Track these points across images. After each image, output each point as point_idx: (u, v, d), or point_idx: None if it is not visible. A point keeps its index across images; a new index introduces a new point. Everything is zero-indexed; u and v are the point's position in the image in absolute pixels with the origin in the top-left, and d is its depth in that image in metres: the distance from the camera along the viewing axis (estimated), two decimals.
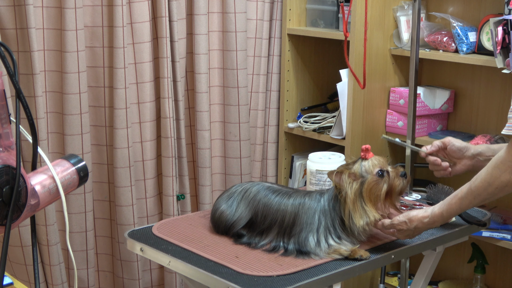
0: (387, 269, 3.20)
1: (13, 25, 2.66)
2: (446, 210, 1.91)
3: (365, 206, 1.92)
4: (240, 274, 1.83)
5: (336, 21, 3.20)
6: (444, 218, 1.93)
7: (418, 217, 1.94)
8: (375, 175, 1.94)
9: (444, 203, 1.93)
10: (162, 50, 2.92)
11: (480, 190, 1.82)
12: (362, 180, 1.93)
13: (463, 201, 1.87)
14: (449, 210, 1.91)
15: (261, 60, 3.27)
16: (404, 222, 1.95)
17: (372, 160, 1.95)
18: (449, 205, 1.90)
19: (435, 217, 1.93)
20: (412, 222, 1.94)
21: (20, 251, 2.77)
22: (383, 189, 1.94)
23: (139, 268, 3.00)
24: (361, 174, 1.94)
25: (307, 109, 3.39)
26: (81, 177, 1.45)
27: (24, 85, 2.69)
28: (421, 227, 1.95)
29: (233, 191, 2.08)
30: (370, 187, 1.93)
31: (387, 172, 1.95)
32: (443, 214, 1.92)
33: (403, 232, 1.96)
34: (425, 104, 2.94)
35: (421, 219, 1.94)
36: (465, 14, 2.95)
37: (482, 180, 1.81)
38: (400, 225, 1.95)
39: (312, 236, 1.94)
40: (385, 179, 1.94)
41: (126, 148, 2.89)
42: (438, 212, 1.92)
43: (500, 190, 1.79)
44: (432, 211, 1.93)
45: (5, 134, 1.29)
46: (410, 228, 1.95)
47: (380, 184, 1.93)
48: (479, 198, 1.84)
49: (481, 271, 2.92)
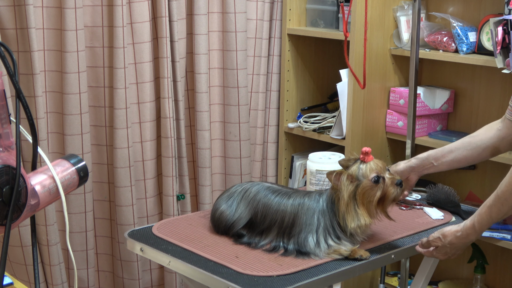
0: (387, 269, 3.20)
1: (13, 25, 2.67)
2: (477, 221, 1.86)
3: (357, 209, 1.92)
4: (240, 274, 1.83)
5: (336, 21, 3.20)
6: (476, 230, 1.87)
7: (452, 231, 1.91)
8: (370, 181, 1.93)
9: (474, 214, 1.88)
10: (162, 50, 2.92)
11: (506, 195, 1.79)
12: (357, 183, 1.92)
13: (492, 209, 1.83)
14: (480, 221, 1.86)
15: (261, 60, 3.27)
16: (438, 238, 1.92)
17: (370, 164, 1.94)
18: (479, 216, 1.86)
19: (467, 229, 1.88)
20: (446, 238, 1.91)
21: (20, 251, 2.77)
22: (376, 195, 1.92)
23: (139, 268, 3.00)
24: (357, 177, 1.93)
25: (307, 109, 3.39)
26: (81, 177, 1.45)
27: (24, 85, 2.69)
28: (455, 242, 1.90)
29: (233, 191, 2.08)
30: (364, 191, 1.92)
31: (383, 178, 1.94)
32: (474, 226, 1.87)
33: (439, 249, 1.93)
34: (425, 104, 2.94)
35: (454, 233, 1.90)
36: (465, 14, 2.95)
37: (507, 184, 1.78)
38: (435, 241, 1.93)
39: (311, 236, 1.94)
40: (379, 186, 1.93)
41: (126, 148, 2.89)
42: (469, 224, 1.88)
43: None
44: (464, 224, 1.89)
45: (5, 134, 1.29)
46: (445, 244, 1.91)
47: (373, 190, 1.92)
48: (507, 204, 1.80)
49: (481, 271, 2.92)
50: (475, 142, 2.17)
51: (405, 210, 2.34)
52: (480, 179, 3.00)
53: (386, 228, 2.10)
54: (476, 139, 2.17)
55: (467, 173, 3.03)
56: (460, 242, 1.91)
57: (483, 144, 2.16)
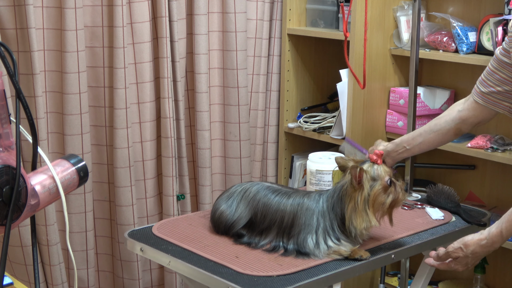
0: (387, 269, 3.20)
1: (13, 25, 2.66)
2: (505, 228, 1.76)
3: (368, 210, 1.90)
4: (240, 274, 1.83)
5: (336, 21, 3.20)
6: (503, 236, 1.77)
7: (474, 240, 1.81)
8: (385, 182, 1.92)
9: (501, 220, 1.78)
10: (162, 50, 2.92)
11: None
12: (371, 184, 1.91)
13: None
14: (508, 227, 1.76)
15: (261, 60, 3.27)
16: (459, 249, 1.82)
17: (384, 166, 1.94)
18: (508, 222, 1.76)
19: (494, 237, 1.78)
20: (468, 247, 1.81)
21: (20, 251, 2.77)
22: (388, 198, 1.91)
23: (139, 268, 3.00)
24: (373, 177, 1.92)
25: (307, 109, 3.39)
26: (81, 177, 1.45)
27: (24, 85, 2.69)
28: (479, 251, 1.80)
29: (232, 191, 2.08)
30: (378, 193, 1.90)
31: (394, 183, 1.94)
32: (502, 233, 1.77)
33: (460, 260, 1.83)
34: (425, 104, 2.94)
35: (477, 242, 1.80)
36: (465, 14, 2.95)
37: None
38: (456, 252, 1.83)
39: (310, 237, 1.93)
40: (391, 189, 1.92)
41: (126, 148, 2.89)
42: (496, 232, 1.78)
43: None
44: (489, 232, 1.79)
45: (5, 134, 1.29)
46: (467, 254, 1.81)
47: (386, 193, 1.92)
48: None
49: (481, 271, 2.91)
50: (440, 124, 2.16)
51: (407, 210, 2.33)
52: (480, 179, 3.00)
53: (386, 228, 2.10)
54: (441, 121, 2.16)
55: (467, 173, 3.03)
56: (484, 251, 1.81)
57: (447, 125, 2.15)
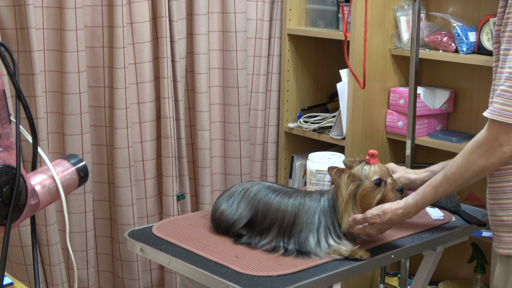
0: (387, 269, 3.20)
1: (13, 25, 2.67)
2: (420, 199, 1.88)
3: (355, 210, 1.92)
4: (240, 274, 1.83)
5: (336, 21, 3.20)
6: (418, 207, 1.89)
7: (392, 209, 1.90)
8: (372, 182, 1.93)
9: (418, 192, 1.89)
10: (162, 50, 2.92)
11: (456, 176, 1.80)
12: (358, 183, 1.92)
13: (438, 188, 1.85)
14: (423, 199, 1.88)
15: (261, 60, 3.27)
16: (377, 215, 1.90)
17: (374, 166, 1.94)
18: (424, 194, 1.87)
19: (409, 207, 1.89)
20: (386, 215, 1.90)
21: (20, 251, 2.77)
22: (375, 198, 1.92)
23: (139, 268, 3.00)
24: (359, 177, 1.93)
25: (307, 109, 3.39)
26: (81, 177, 1.45)
27: (24, 85, 2.69)
28: (394, 219, 1.90)
29: (233, 191, 2.08)
30: (364, 192, 1.92)
31: (384, 182, 1.94)
32: (417, 204, 1.89)
33: (375, 226, 1.92)
34: (425, 104, 2.94)
35: (394, 210, 1.90)
36: (465, 14, 2.95)
37: (458, 166, 1.79)
38: (374, 218, 1.90)
39: (312, 236, 1.93)
40: (380, 189, 1.93)
41: (126, 148, 2.89)
42: (412, 202, 1.89)
43: (476, 175, 1.78)
44: (406, 202, 1.90)
45: (5, 134, 1.29)
46: (384, 221, 1.90)
47: (374, 193, 1.92)
48: (455, 184, 1.82)
49: (481, 271, 2.92)
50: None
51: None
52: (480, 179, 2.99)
53: None
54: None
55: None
56: (399, 219, 1.91)
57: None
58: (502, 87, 1.68)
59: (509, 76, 1.67)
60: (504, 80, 1.68)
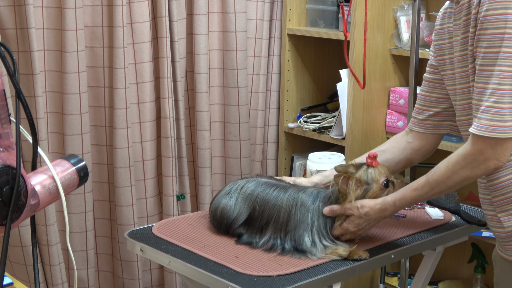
0: (387, 269, 3.20)
1: (13, 25, 2.67)
2: (399, 199, 1.88)
3: None
4: (240, 274, 1.83)
5: (336, 21, 3.20)
6: (396, 207, 1.89)
7: (370, 203, 1.90)
8: (381, 184, 1.92)
9: (398, 192, 1.89)
10: (162, 50, 2.92)
11: (438, 183, 1.81)
12: (366, 188, 1.91)
13: (419, 192, 1.86)
14: (402, 200, 1.87)
15: (261, 60, 3.27)
16: (355, 207, 1.90)
17: (379, 168, 1.93)
18: (403, 195, 1.87)
19: (387, 204, 1.88)
20: (363, 208, 1.89)
21: (20, 251, 2.77)
22: None
23: (139, 268, 3.00)
24: (366, 181, 1.92)
25: (307, 109, 3.39)
26: (81, 177, 1.45)
27: (24, 85, 2.69)
28: (372, 214, 1.89)
29: (228, 189, 2.08)
30: (374, 195, 1.91)
31: (391, 182, 1.93)
32: (395, 203, 1.88)
33: (352, 219, 1.91)
34: None
35: (373, 205, 1.89)
36: None
37: (441, 174, 1.80)
38: (351, 210, 1.90)
39: (307, 235, 1.93)
40: (389, 190, 1.92)
41: (126, 148, 2.89)
42: (390, 200, 1.88)
43: (458, 184, 1.80)
44: (384, 200, 1.90)
45: (5, 134, 1.29)
46: (361, 215, 1.89)
47: (383, 194, 1.91)
48: (436, 190, 1.83)
49: (481, 271, 2.92)
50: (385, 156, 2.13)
51: (406, 210, 2.33)
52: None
53: (386, 228, 2.10)
54: (386, 154, 2.14)
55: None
56: (376, 216, 1.90)
57: (396, 157, 2.14)
58: (487, 103, 1.68)
59: (493, 92, 1.67)
60: (488, 96, 1.68)
